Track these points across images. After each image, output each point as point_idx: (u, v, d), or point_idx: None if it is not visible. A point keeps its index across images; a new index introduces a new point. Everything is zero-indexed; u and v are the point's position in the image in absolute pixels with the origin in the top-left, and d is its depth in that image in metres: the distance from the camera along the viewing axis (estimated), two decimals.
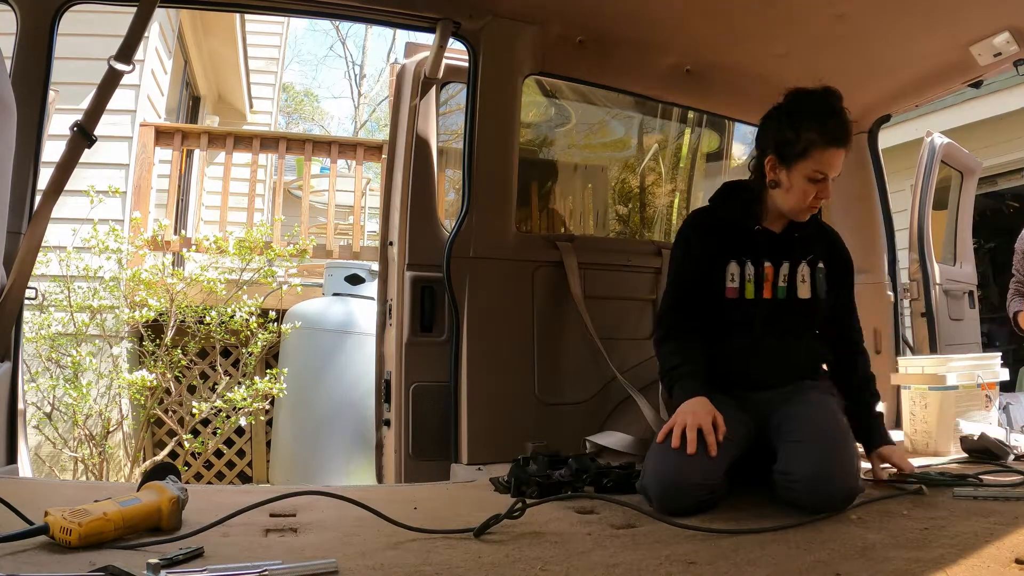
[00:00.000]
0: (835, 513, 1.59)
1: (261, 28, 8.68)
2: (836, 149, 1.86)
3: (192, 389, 4.51)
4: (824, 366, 2.09)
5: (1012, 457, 2.20)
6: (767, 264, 1.97)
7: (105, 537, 1.28)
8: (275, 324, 4.48)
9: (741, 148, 5.21)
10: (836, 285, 2.05)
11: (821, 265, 2.01)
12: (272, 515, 1.60)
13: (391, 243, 2.75)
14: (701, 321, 2.00)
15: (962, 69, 2.86)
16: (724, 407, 1.84)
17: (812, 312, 2.00)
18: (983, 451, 2.27)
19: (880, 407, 2.08)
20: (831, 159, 1.86)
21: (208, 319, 4.37)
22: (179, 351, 4.32)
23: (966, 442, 2.34)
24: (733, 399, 1.91)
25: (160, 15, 5.31)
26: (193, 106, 7.82)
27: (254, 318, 4.41)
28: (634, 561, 1.27)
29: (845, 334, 2.11)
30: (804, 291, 1.98)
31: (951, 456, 2.43)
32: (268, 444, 4.94)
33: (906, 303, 3.75)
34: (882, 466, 1.98)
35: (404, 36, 20.63)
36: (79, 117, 2.01)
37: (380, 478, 2.81)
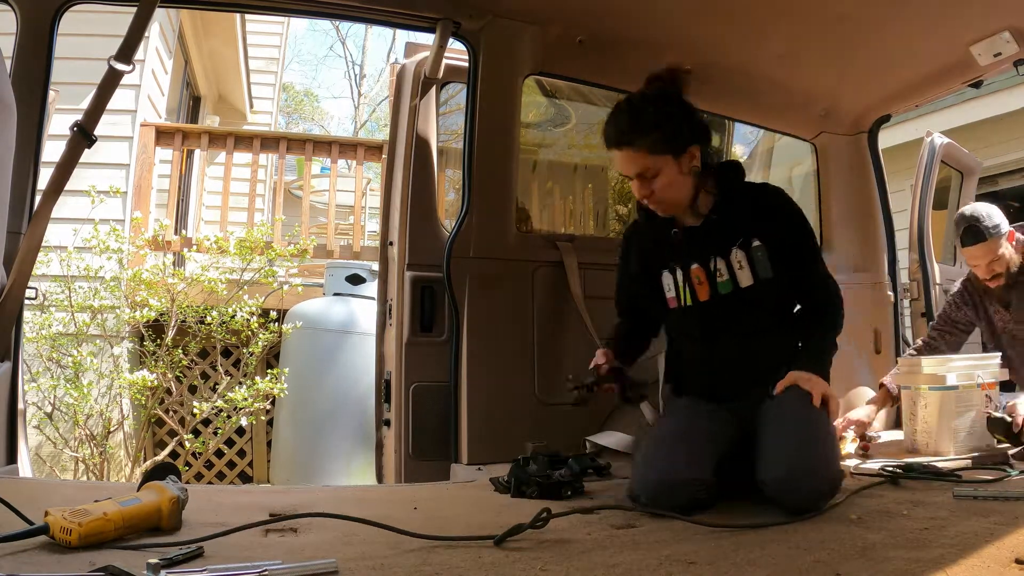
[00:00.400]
0: (824, 512, 1.58)
1: (261, 28, 8.68)
2: (612, 150, 1.82)
3: (193, 389, 4.51)
4: None
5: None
6: (695, 266, 1.86)
7: (105, 537, 1.28)
8: (276, 324, 4.48)
9: (741, 148, 5.20)
10: (783, 253, 1.83)
11: (757, 243, 1.81)
12: (272, 515, 1.60)
13: (391, 243, 2.75)
14: (644, 327, 2.09)
15: (962, 69, 2.86)
16: (703, 409, 1.86)
17: (762, 299, 1.83)
18: (1006, 428, 2.37)
19: (820, 343, 1.85)
20: (616, 159, 1.83)
21: (209, 319, 4.37)
22: (180, 351, 4.32)
23: (992, 421, 2.42)
24: (714, 402, 1.90)
25: (160, 15, 5.32)
26: (193, 106, 7.83)
27: (255, 318, 4.42)
28: (634, 561, 1.27)
29: (807, 305, 1.90)
30: (744, 278, 1.82)
31: (951, 456, 2.43)
32: (269, 444, 4.94)
33: (906, 303, 3.75)
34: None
35: (404, 36, 20.63)
36: (79, 117, 2.01)
37: (380, 478, 2.81)
